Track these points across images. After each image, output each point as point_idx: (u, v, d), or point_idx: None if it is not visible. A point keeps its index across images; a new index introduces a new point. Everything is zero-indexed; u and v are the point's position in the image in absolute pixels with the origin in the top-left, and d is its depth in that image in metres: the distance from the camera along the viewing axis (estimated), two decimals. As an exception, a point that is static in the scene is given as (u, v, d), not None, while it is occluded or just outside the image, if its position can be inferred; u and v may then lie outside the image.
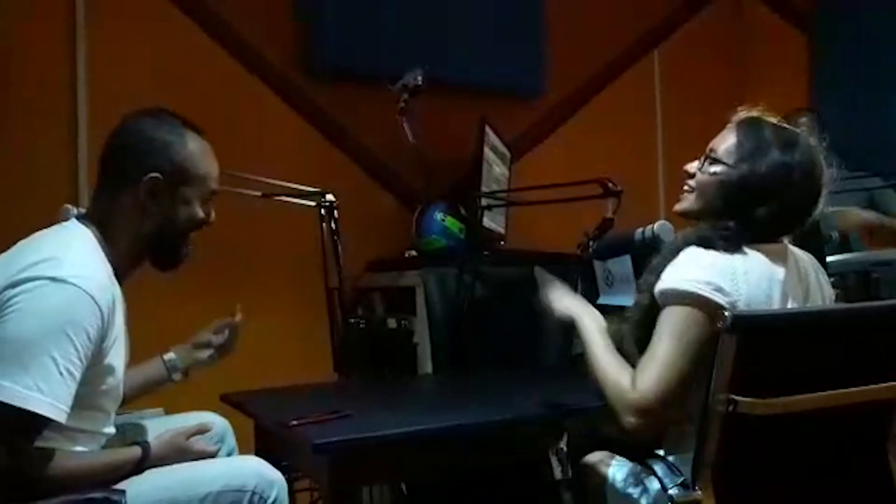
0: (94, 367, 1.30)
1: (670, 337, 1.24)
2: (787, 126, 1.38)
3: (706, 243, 1.31)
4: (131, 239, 1.42)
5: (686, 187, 1.43)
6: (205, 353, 1.76)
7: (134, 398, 1.66)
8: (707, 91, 3.64)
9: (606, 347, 1.36)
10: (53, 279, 1.23)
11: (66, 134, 2.47)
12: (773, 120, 1.38)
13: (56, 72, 2.50)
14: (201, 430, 1.52)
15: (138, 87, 2.59)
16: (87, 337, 1.25)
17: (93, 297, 1.26)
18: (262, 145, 2.75)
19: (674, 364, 1.22)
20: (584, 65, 3.47)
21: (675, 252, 1.32)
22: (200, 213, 1.47)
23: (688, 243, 1.32)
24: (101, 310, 1.27)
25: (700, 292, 1.24)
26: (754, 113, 1.40)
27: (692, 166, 1.43)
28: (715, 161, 1.37)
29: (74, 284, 1.24)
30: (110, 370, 1.36)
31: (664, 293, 1.28)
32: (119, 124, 1.45)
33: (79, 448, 1.35)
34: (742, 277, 1.27)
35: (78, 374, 1.25)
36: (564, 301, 1.52)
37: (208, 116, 2.65)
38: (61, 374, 1.22)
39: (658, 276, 1.30)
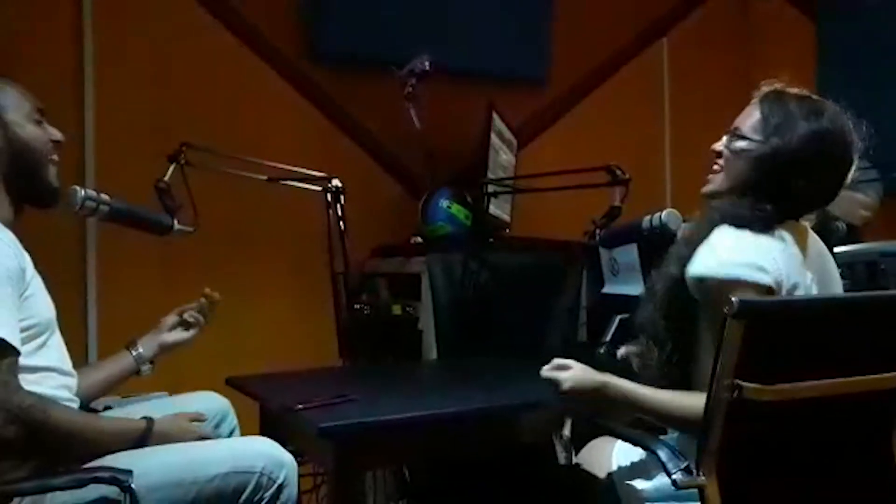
0: (25, 300, 1.33)
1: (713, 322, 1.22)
2: (812, 95, 1.36)
3: (740, 222, 1.29)
4: None
5: (715, 166, 1.41)
6: (173, 336, 1.75)
7: (103, 392, 1.67)
8: (715, 80, 3.61)
9: (655, 390, 1.30)
10: None
11: (73, 116, 2.46)
12: (796, 91, 1.36)
13: (62, 57, 2.49)
14: (199, 419, 1.54)
15: (144, 71, 2.59)
16: (7, 270, 1.29)
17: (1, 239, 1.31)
18: (267, 130, 2.75)
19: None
20: (592, 52, 3.45)
21: (710, 226, 1.30)
22: (42, 133, 1.47)
23: (723, 220, 1.30)
24: (12, 248, 1.32)
25: (742, 276, 1.23)
26: (777, 86, 1.37)
27: (719, 145, 1.40)
28: (742, 137, 1.35)
29: None
30: (40, 303, 1.39)
31: (704, 280, 1.25)
32: None
33: (53, 386, 1.36)
34: (779, 255, 1.27)
35: (13, 306, 1.28)
36: (580, 376, 1.37)
37: (214, 100, 2.69)
38: (5, 307, 1.25)
39: (691, 251, 1.29)
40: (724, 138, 1.40)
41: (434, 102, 2.72)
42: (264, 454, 1.38)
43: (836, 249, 2.11)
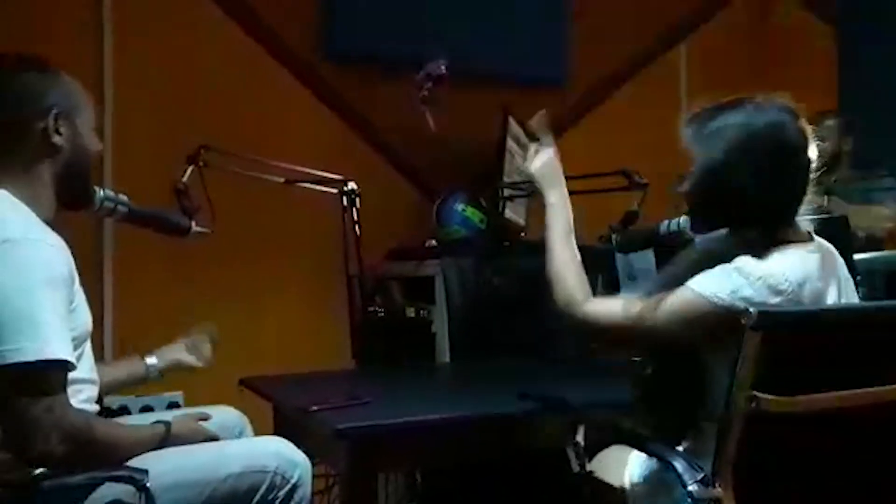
0: (73, 311, 1.33)
1: (672, 310, 1.25)
2: (729, 100, 1.35)
3: (751, 252, 1.27)
4: (50, 180, 1.39)
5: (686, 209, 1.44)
6: (188, 355, 1.77)
7: (107, 392, 1.66)
8: (734, 85, 3.56)
9: (572, 254, 1.42)
10: (7, 240, 1.24)
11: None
12: (713, 103, 1.36)
13: (82, 59, 2.52)
14: (203, 418, 1.56)
15: (160, 72, 2.60)
16: (64, 281, 1.29)
17: (53, 245, 1.30)
18: (283, 132, 2.76)
19: (648, 328, 1.25)
20: (609, 56, 3.44)
21: (718, 258, 1.28)
22: (95, 143, 1.48)
23: (730, 252, 1.28)
24: (63, 254, 1.31)
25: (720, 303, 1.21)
26: (694, 110, 1.39)
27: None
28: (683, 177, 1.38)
29: (33, 238, 1.27)
30: (82, 312, 1.39)
31: (710, 301, 1.23)
32: None
33: (83, 399, 1.37)
34: (793, 279, 1.24)
35: (68, 323, 1.28)
36: (543, 168, 1.50)
37: (230, 102, 2.70)
38: (61, 319, 1.26)
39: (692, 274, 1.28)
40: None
41: (450, 105, 2.71)
42: (278, 454, 1.39)
43: (855, 257, 2.09)
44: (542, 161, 1.52)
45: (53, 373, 1.23)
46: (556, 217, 1.48)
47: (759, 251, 1.27)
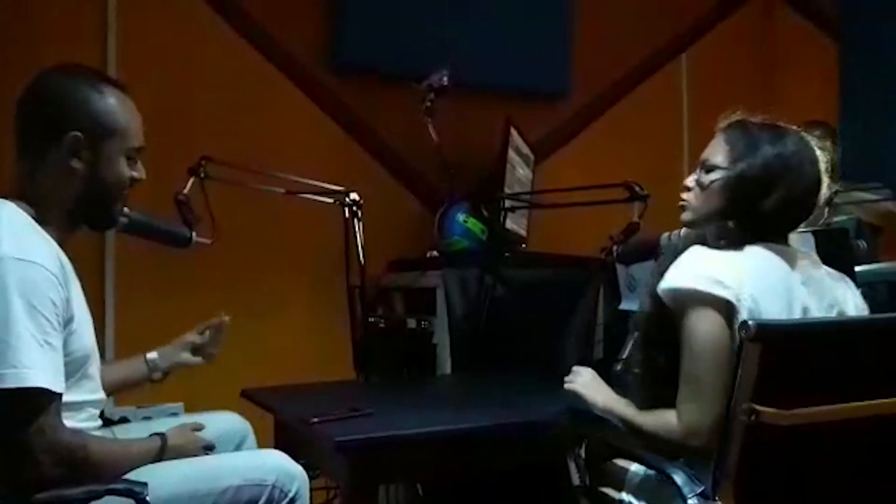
0: (68, 334, 1.31)
1: (697, 357, 1.24)
2: (775, 123, 1.40)
3: (711, 244, 1.34)
4: (61, 203, 1.36)
5: (681, 201, 1.46)
6: (191, 356, 1.73)
7: (110, 392, 1.65)
8: (735, 96, 3.57)
9: (639, 411, 1.36)
10: None
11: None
12: (759, 120, 1.40)
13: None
14: (198, 428, 1.54)
15: (165, 83, 2.61)
16: (53, 304, 1.25)
17: (42, 265, 1.25)
18: (286, 142, 2.77)
19: (710, 383, 1.22)
20: (611, 67, 3.45)
21: (677, 254, 1.34)
22: (127, 172, 1.41)
23: (689, 244, 1.35)
24: (54, 275, 1.27)
25: (699, 287, 1.25)
26: (738, 116, 1.42)
27: (689, 180, 1.45)
28: (711, 169, 1.39)
29: (19, 258, 1.23)
30: (83, 334, 1.36)
31: (666, 293, 1.30)
32: (31, 83, 1.37)
33: (84, 418, 1.36)
34: (747, 272, 1.27)
35: (57, 344, 1.26)
36: (595, 396, 1.49)
37: (233, 112, 2.72)
38: (41, 346, 1.22)
39: (660, 278, 1.32)
40: (695, 173, 1.44)
41: (453, 116, 2.72)
42: (276, 467, 1.39)
43: (858, 269, 2.09)
44: (582, 382, 1.53)
45: (35, 398, 1.21)
46: (613, 410, 1.43)
47: (728, 244, 1.32)
